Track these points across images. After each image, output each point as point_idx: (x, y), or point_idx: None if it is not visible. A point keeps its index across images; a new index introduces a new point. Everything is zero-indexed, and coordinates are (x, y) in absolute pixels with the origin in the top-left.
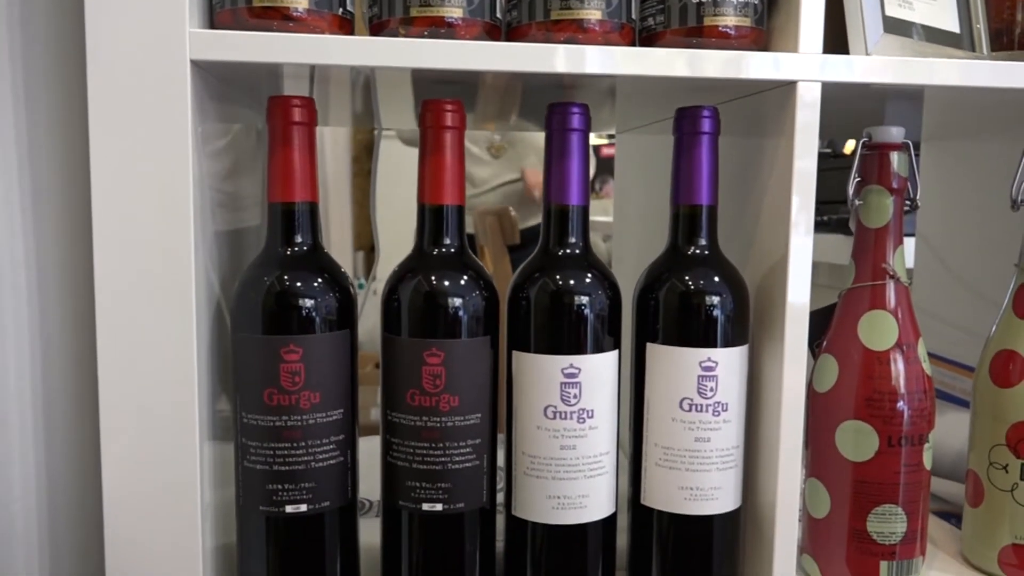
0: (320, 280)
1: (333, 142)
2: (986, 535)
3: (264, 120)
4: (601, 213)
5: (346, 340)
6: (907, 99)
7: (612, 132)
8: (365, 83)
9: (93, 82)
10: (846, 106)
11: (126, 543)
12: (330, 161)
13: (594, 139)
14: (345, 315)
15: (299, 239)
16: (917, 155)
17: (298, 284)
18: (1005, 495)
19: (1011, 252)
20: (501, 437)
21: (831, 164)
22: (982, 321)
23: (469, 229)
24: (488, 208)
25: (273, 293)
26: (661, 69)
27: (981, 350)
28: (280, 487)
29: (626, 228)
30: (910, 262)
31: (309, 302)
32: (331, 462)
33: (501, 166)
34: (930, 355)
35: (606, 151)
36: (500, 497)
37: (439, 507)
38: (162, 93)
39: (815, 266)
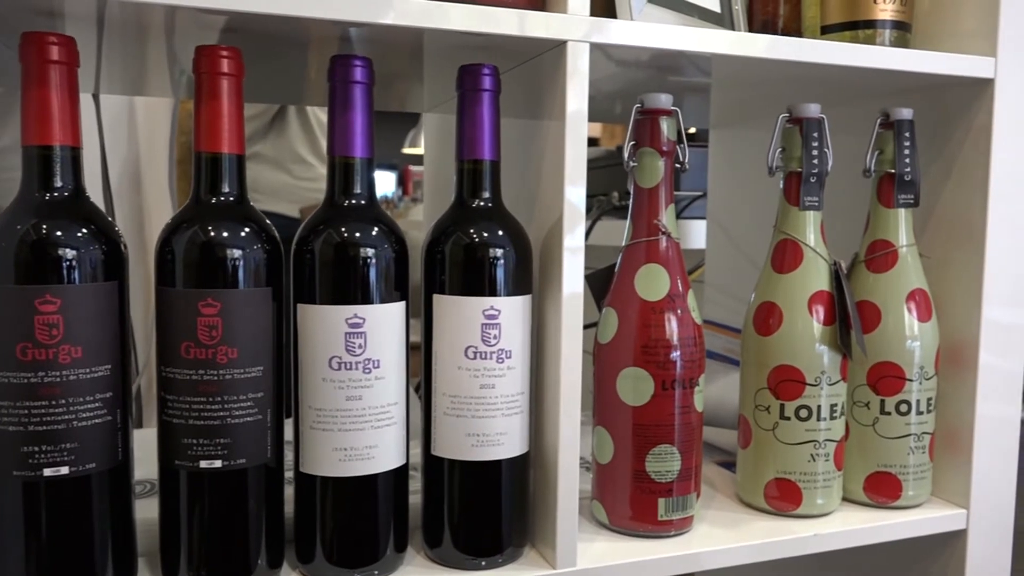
0: (83, 229)
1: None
2: (754, 473)
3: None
4: None
5: (113, 292)
6: (695, 91)
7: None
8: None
9: None
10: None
11: None
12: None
13: None
14: (113, 267)
15: (59, 184)
16: (706, 144)
17: (57, 232)
18: (768, 434)
19: None
20: None
21: None
22: None
23: (295, 214)
24: (315, 203)
25: (28, 241)
26: (414, 19)
27: None
28: (37, 449)
29: (435, 189)
30: (702, 243)
31: (70, 250)
32: (96, 421)
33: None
34: (721, 325)
35: None
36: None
37: (218, 464)
38: None
39: (614, 250)
